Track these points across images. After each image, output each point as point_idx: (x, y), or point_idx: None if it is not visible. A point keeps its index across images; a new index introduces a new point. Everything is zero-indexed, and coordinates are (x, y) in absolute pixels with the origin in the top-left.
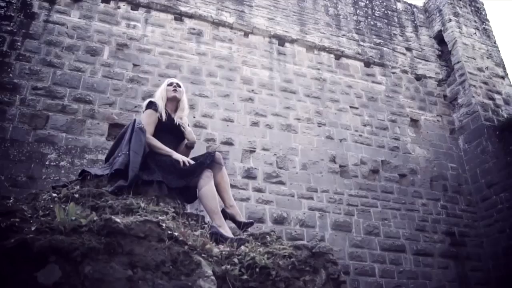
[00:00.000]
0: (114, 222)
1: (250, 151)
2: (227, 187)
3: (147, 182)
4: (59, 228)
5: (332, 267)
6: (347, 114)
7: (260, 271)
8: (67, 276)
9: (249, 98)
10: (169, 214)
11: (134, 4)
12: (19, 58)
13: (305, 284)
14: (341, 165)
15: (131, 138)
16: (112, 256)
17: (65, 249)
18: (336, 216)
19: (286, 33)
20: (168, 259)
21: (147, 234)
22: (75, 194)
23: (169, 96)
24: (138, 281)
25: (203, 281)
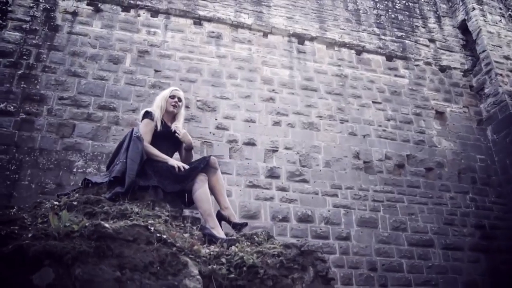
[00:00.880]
0: (103, 227)
1: (273, 151)
2: (222, 190)
3: (144, 187)
4: (53, 234)
5: (320, 264)
6: (370, 109)
7: (248, 270)
8: (59, 278)
9: (270, 98)
10: (162, 217)
11: (154, 11)
12: (45, 70)
13: (293, 281)
14: (365, 161)
15: (129, 146)
16: (101, 258)
17: (58, 253)
18: (361, 213)
19: (306, 31)
20: (156, 260)
21: (136, 237)
22: (73, 202)
23: (168, 110)
24: (127, 281)
25: (188, 281)
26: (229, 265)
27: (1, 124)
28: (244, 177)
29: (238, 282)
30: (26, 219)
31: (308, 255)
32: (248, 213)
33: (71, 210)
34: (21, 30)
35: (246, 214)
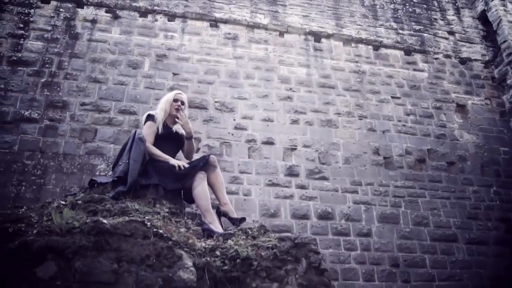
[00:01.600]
0: (101, 223)
1: (292, 149)
2: (221, 187)
3: (146, 186)
4: (55, 230)
5: (313, 256)
6: (388, 104)
7: (242, 262)
8: (61, 270)
9: (288, 96)
10: (161, 214)
11: (171, 16)
12: (66, 77)
13: (286, 272)
14: (385, 157)
15: (131, 148)
16: (100, 252)
17: (60, 248)
18: (382, 209)
19: (322, 28)
20: (152, 253)
21: (133, 232)
22: (78, 201)
23: (171, 113)
24: (124, 273)
25: (182, 272)
26: (224, 258)
27: (26, 130)
28: (264, 176)
29: (233, 274)
30: (33, 217)
31: (301, 247)
32: (268, 211)
33: (75, 209)
34: (43, 39)
35: (266, 212)
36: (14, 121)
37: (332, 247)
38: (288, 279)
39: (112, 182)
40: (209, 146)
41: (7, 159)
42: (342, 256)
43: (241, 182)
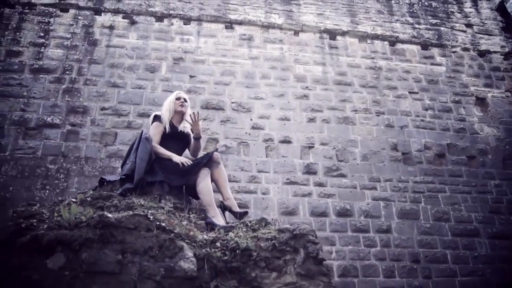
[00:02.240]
0: (106, 217)
1: (309, 147)
2: (225, 183)
3: (152, 183)
4: (64, 225)
5: (311, 246)
6: (406, 100)
7: (242, 253)
8: (69, 261)
9: (304, 95)
10: (165, 208)
11: (186, 19)
12: (86, 83)
13: (285, 262)
14: (404, 153)
15: (138, 147)
16: (105, 244)
17: (68, 240)
18: (401, 205)
19: (337, 26)
20: (155, 245)
21: (137, 225)
22: (87, 198)
23: (177, 110)
24: (128, 264)
25: (183, 262)
26: (224, 249)
27: (49, 136)
28: (281, 174)
29: (233, 264)
30: (44, 213)
31: (300, 238)
32: (287, 209)
33: (85, 205)
34: (63, 47)
35: (285, 210)
36: (37, 127)
37: (352, 244)
38: (286, 269)
39: (120, 180)
40: (227, 146)
41: (31, 164)
42: (362, 253)
43: (259, 181)
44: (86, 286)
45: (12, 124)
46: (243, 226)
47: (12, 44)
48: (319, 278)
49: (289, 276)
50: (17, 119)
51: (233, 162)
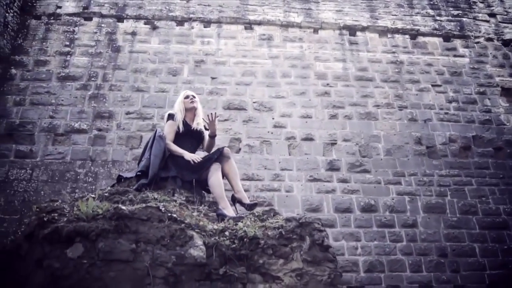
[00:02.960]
0: (120, 209)
1: (331, 144)
2: (235, 176)
3: (165, 178)
4: (82, 217)
5: (317, 234)
6: (429, 93)
7: (250, 241)
8: (87, 251)
9: (325, 92)
10: (178, 201)
11: (206, 22)
12: (111, 89)
13: (292, 250)
14: (428, 146)
15: (152, 145)
16: (120, 234)
17: (86, 232)
18: (427, 199)
19: (356, 22)
20: (167, 234)
21: (149, 216)
22: (105, 194)
23: (188, 107)
24: (141, 252)
25: (193, 250)
26: (233, 238)
27: (77, 141)
28: (305, 172)
29: (241, 252)
30: (65, 208)
31: (306, 226)
32: (311, 206)
33: (102, 200)
34: (88, 54)
35: (309, 207)
36: (66, 133)
37: (377, 239)
38: (293, 256)
39: (136, 176)
40: (250, 146)
41: (61, 168)
42: (387, 248)
43: (282, 179)
44: (103, 273)
45: (41, 131)
46: (252, 217)
47: (40, 53)
48: (325, 264)
49: (295, 262)
50: (46, 126)
51: (256, 161)
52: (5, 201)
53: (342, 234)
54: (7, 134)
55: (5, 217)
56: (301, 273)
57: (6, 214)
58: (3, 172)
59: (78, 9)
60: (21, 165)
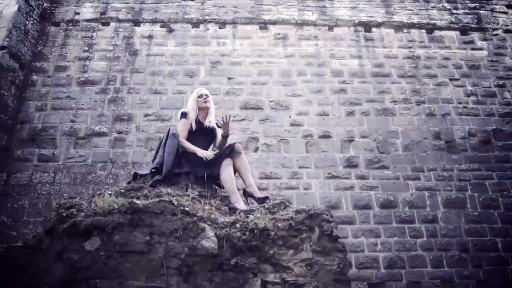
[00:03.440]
0: (135, 204)
1: (349, 141)
2: (246, 171)
3: (178, 174)
4: (99, 212)
5: (326, 224)
6: (447, 87)
7: (261, 233)
8: (104, 243)
9: (341, 89)
10: (190, 196)
11: (221, 23)
12: (130, 92)
13: (301, 240)
14: (447, 141)
15: (166, 142)
16: (135, 227)
17: (102, 225)
18: (447, 194)
19: (371, 18)
20: (180, 227)
21: (163, 210)
22: (121, 190)
23: (201, 107)
24: (155, 244)
25: (205, 241)
26: (244, 230)
27: (98, 144)
28: (323, 169)
29: (252, 243)
30: (83, 204)
31: (315, 217)
32: (329, 203)
33: (118, 196)
34: (106, 59)
35: (327, 205)
36: (87, 136)
37: (397, 235)
38: (303, 246)
39: (150, 173)
40: (267, 145)
41: (83, 171)
42: (408, 244)
43: (300, 177)
44: (119, 264)
45: (63, 134)
46: (262, 209)
47: (59, 59)
48: (334, 254)
49: (305, 252)
50: (67, 129)
51: (274, 160)
52: (29, 204)
53: (362, 231)
54: (30, 138)
55: (29, 219)
56: (310, 263)
57: (30, 216)
58: (27, 175)
59: (96, 14)
60: (44, 169)
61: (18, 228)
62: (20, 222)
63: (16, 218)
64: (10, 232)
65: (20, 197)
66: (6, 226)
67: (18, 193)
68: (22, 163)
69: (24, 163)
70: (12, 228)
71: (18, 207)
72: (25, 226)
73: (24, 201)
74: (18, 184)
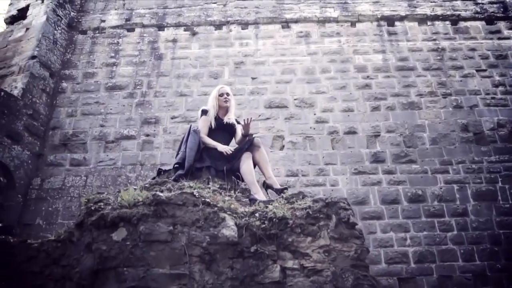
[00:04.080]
0: (158, 196)
1: (375, 136)
2: (266, 164)
3: (200, 168)
4: (125, 205)
5: (343, 212)
6: (474, 78)
7: (280, 221)
8: (130, 234)
9: (366, 84)
10: (212, 188)
11: (244, 24)
12: (156, 95)
13: (319, 228)
14: (475, 133)
15: (188, 139)
16: (159, 218)
17: (128, 217)
18: (477, 186)
19: (394, 12)
20: (201, 217)
21: (185, 201)
22: (146, 185)
23: (221, 106)
24: (178, 233)
25: (225, 230)
26: (263, 219)
27: (127, 147)
28: (349, 165)
29: (271, 231)
30: (110, 198)
31: (332, 205)
32: (357, 199)
33: (142, 190)
34: (132, 64)
35: (355, 200)
36: (116, 140)
37: (426, 229)
38: (320, 233)
39: (173, 169)
40: (293, 142)
41: (113, 174)
42: (438, 238)
43: (327, 174)
44: (145, 253)
45: (93, 139)
46: (281, 200)
47: (87, 66)
48: (351, 241)
49: (323, 239)
50: (97, 134)
51: (300, 157)
52: (63, 207)
53: (390, 226)
54: (62, 144)
55: (63, 221)
56: (328, 249)
57: (64, 219)
58: (60, 180)
59: (121, 21)
60: (76, 173)
61: (52, 230)
62: (55, 225)
63: (50, 221)
64: (45, 234)
65: (54, 201)
66: (41, 229)
67: (52, 197)
68: (55, 168)
69: (57, 167)
70: (47, 230)
71: (52, 210)
72: (59, 228)
73: (58, 204)
74: (52, 188)
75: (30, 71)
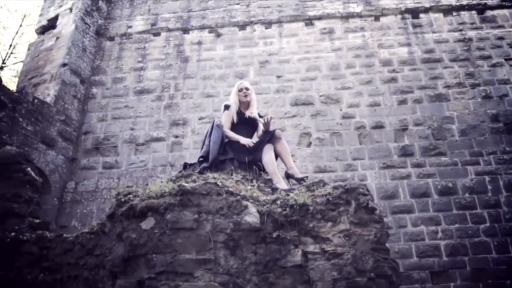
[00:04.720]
0: (183, 186)
1: (403, 129)
2: (287, 154)
3: (223, 161)
4: (152, 196)
5: (362, 197)
6: (503, 68)
7: (300, 208)
8: (157, 222)
9: (392, 78)
10: (234, 179)
11: (267, 23)
12: (183, 97)
13: (339, 213)
14: (506, 123)
15: (211, 133)
16: (184, 207)
17: (155, 207)
18: (509, 177)
19: (418, 4)
20: (225, 206)
21: (209, 191)
22: (173, 178)
23: (242, 101)
24: (203, 221)
25: (248, 217)
26: (285, 206)
27: (156, 149)
28: (377, 159)
29: (292, 218)
30: (138, 191)
31: (351, 191)
32: (386, 193)
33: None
34: (159, 67)
35: (384, 195)
36: (146, 142)
37: (458, 222)
38: (340, 219)
39: (198, 162)
40: (320, 139)
41: (144, 175)
42: (470, 230)
43: (355, 169)
44: (172, 240)
45: (124, 142)
46: (302, 188)
47: (116, 71)
48: (371, 225)
49: (343, 224)
50: (127, 137)
51: (328, 153)
52: (97, 209)
53: (421, 219)
54: (94, 148)
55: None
56: (348, 233)
57: (98, 220)
58: (93, 182)
59: (147, 26)
60: (108, 175)
61: None
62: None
63: (85, 223)
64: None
65: (88, 203)
66: (77, 231)
67: (86, 199)
68: (88, 171)
69: (90, 171)
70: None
71: (87, 212)
72: None
73: (92, 207)
74: (86, 191)
75: (62, 79)
